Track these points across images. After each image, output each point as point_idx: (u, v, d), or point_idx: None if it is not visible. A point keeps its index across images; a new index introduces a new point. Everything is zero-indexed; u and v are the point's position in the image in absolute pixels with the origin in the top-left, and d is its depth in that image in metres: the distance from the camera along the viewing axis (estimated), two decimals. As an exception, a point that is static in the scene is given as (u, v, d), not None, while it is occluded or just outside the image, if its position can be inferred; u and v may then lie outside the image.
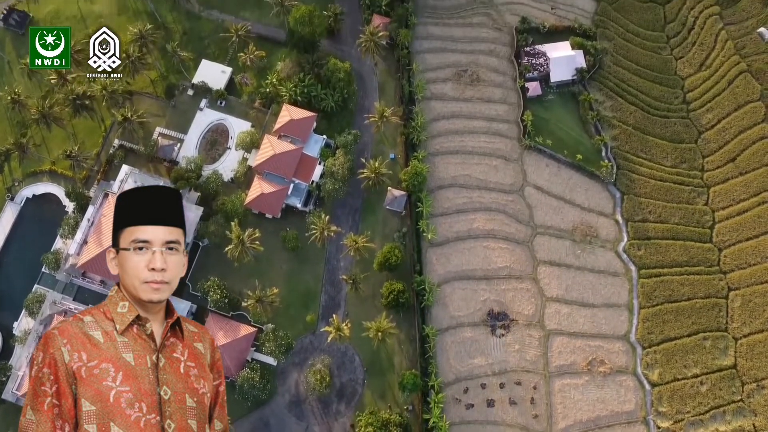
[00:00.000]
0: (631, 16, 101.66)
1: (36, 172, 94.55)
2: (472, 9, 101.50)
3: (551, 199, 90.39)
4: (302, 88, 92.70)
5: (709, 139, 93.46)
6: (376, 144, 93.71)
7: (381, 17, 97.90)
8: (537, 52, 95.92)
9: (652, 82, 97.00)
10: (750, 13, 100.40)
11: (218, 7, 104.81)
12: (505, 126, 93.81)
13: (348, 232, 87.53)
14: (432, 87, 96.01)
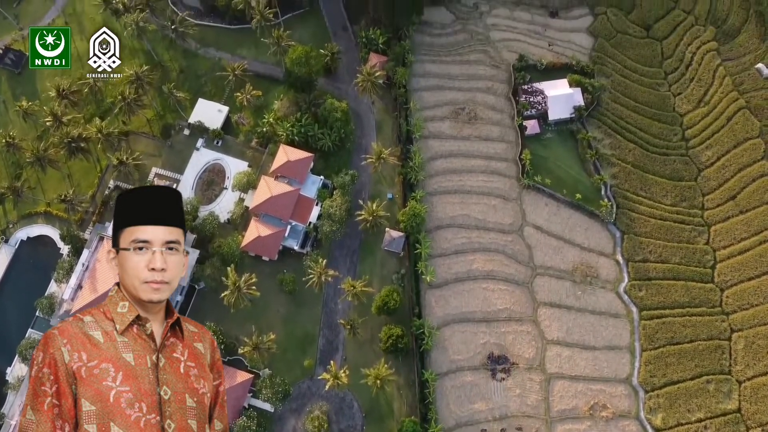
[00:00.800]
0: (629, 52, 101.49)
1: (31, 214, 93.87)
2: (469, 46, 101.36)
3: (551, 239, 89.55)
4: (299, 128, 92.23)
5: (708, 176, 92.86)
6: (373, 184, 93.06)
7: (378, 55, 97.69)
8: (535, 90, 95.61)
9: (650, 119, 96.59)
10: (747, 48, 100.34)
11: (215, 45, 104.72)
12: (504, 165, 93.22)
13: (346, 274, 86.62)
14: (430, 125, 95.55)
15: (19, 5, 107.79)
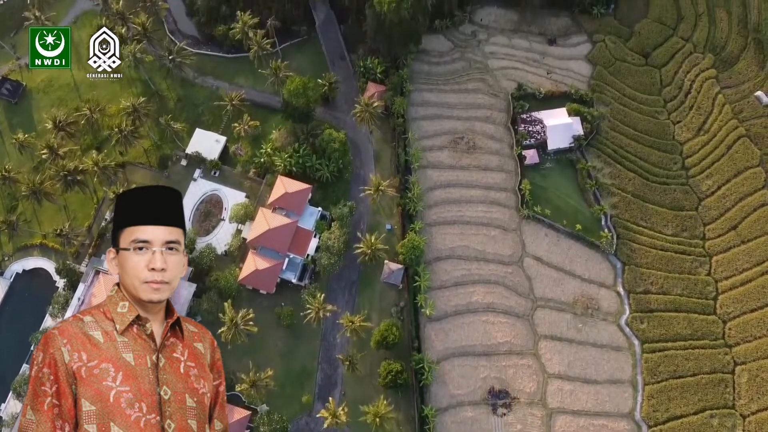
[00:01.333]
0: (627, 80, 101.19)
1: (26, 246, 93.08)
2: (467, 74, 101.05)
3: (551, 271, 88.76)
4: (297, 159, 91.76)
5: (709, 206, 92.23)
6: (372, 214, 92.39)
7: (376, 85, 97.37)
8: (534, 119, 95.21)
9: (650, 148, 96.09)
10: (746, 76, 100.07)
11: (213, 73, 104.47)
12: (503, 195, 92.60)
13: (344, 308, 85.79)
14: (428, 155, 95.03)
15: (17, 35, 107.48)
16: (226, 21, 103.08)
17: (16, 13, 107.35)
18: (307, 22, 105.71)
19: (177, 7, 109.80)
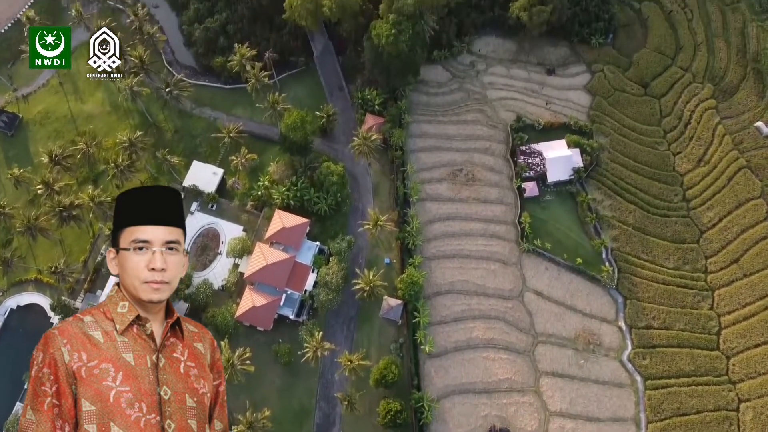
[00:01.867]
0: (627, 110, 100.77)
1: (21, 281, 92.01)
2: (466, 105, 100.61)
3: (552, 305, 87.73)
4: (295, 192, 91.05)
5: (710, 239, 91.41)
6: (371, 248, 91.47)
7: (374, 117, 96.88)
8: (533, 151, 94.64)
9: (650, 179, 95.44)
10: (746, 106, 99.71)
11: (210, 104, 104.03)
12: (503, 228, 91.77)
13: (342, 344, 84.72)
14: (427, 187, 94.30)
15: (13, 66, 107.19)
16: (224, 52, 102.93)
17: (12, 45, 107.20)
18: (305, 52, 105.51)
19: (175, 38, 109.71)
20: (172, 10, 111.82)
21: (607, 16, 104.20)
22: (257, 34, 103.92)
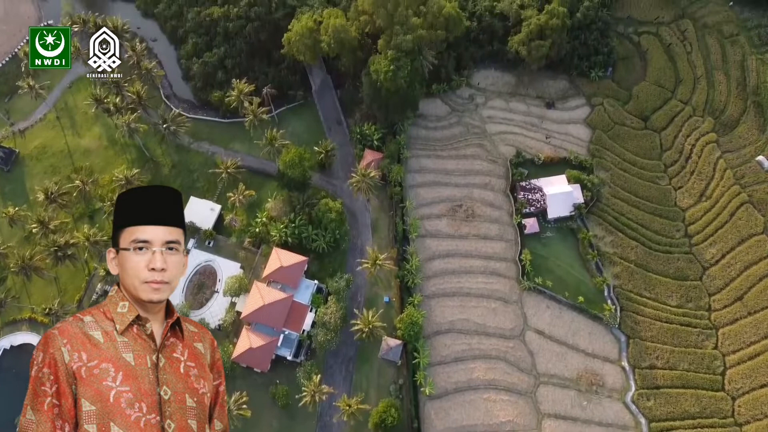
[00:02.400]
0: (627, 144, 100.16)
1: (15, 321, 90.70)
2: (465, 140, 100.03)
3: (553, 345, 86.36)
4: (293, 230, 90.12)
5: (714, 275, 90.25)
6: (369, 286, 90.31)
7: (373, 152, 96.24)
8: (533, 187, 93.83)
9: (652, 215, 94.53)
10: (747, 140, 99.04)
11: (208, 138, 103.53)
12: (503, 265, 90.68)
13: (341, 386, 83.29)
14: (426, 223, 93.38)
15: (10, 100, 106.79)
16: (222, 87, 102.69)
17: (10, 80, 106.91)
18: (303, 86, 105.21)
19: (173, 72, 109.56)
20: (170, 43, 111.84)
21: (606, 49, 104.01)
22: (255, 68, 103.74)
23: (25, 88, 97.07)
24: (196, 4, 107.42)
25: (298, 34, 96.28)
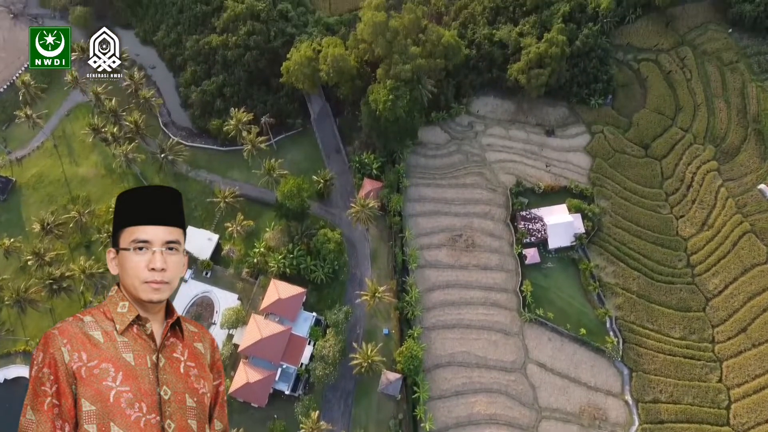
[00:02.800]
0: (628, 172, 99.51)
1: (9, 353, 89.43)
2: (464, 168, 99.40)
3: (555, 378, 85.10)
4: (291, 260, 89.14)
5: (717, 306, 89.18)
6: (369, 318, 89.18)
7: (372, 181, 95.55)
8: (533, 216, 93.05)
9: (653, 244, 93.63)
10: (749, 168, 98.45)
11: (206, 167, 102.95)
12: (504, 296, 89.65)
13: (339, 420, 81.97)
14: (426, 253, 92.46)
15: (8, 128, 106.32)
16: (221, 115, 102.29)
17: (8, 107, 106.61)
18: (302, 114, 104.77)
19: (171, 99, 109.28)
20: (169, 71, 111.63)
21: (605, 77, 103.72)
22: (254, 96, 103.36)
23: (23, 118, 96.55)
24: (195, 32, 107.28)
25: (297, 63, 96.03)
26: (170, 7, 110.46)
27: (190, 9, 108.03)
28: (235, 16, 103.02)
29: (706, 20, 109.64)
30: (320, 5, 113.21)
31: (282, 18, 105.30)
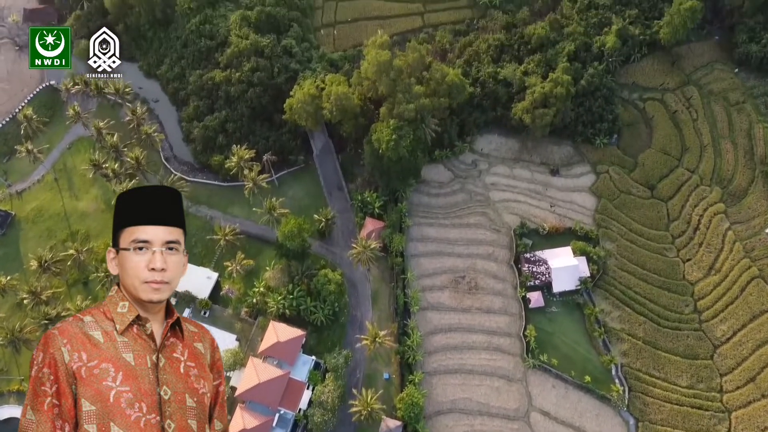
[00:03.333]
0: (633, 214, 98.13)
1: (2, 393, 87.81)
2: (468, 207, 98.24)
3: (559, 427, 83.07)
4: (291, 301, 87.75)
5: (725, 354, 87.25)
6: (369, 362, 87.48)
7: (374, 221, 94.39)
8: (538, 259, 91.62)
9: (660, 288, 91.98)
10: (756, 211, 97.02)
11: (207, 202, 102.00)
12: (507, 341, 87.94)
13: (338, 470, 79.86)
14: (428, 295, 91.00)
15: (9, 161, 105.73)
16: (223, 150, 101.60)
17: (9, 140, 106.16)
18: (304, 150, 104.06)
19: (174, 133, 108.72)
20: (172, 104, 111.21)
21: (611, 116, 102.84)
22: (256, 132, 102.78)
23: (23, 153, 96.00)
24: (199, 67, 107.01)
25: (300, 100, 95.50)
26: (174, 41, 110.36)
27: (194, 43, 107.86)
28: (239, 52, 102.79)
29: (712, 60, 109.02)
30: (324, 41, 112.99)
31: (286, 54, 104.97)
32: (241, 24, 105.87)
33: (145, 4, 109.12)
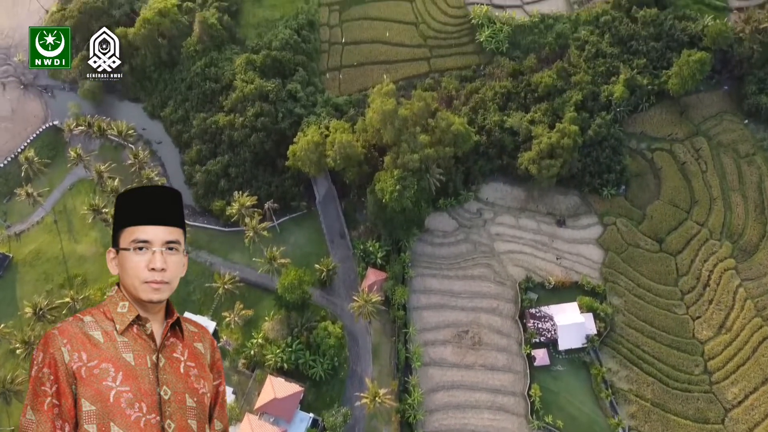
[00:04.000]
0: (642, 268, 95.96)
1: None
2: (472, 259, 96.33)
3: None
4: (289, 354, 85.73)
5: (736, 419, 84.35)
6: (368, 419, 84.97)
7: (376, 272, 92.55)
8: (543, 315, 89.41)
9: (669, 347, 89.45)
10: (767, 267, 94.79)
11: (207, 247, 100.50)
12: (511, 400, 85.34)
13: None
14: (430, 350, 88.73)
15: (9, 201, 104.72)
16: (224, 195, 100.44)
17: (10, 180, 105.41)
18: (307, 196, 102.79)
19: (176, 175, 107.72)
20: (175, 146, 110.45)
21: (618, 167, 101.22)
22: (259, 177, 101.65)
23: (23, 196, 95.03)
24: (203, 110, 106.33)
25: (304, 148, 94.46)
26: (179, 83, 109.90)
27: (199, 86, 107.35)
28: (244, 96, 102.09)
29: (722, 110, 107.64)
30: (330, 84, 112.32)
31: (290, 98, 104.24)
32: (246, 68, 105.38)
33: (150, 46, 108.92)
